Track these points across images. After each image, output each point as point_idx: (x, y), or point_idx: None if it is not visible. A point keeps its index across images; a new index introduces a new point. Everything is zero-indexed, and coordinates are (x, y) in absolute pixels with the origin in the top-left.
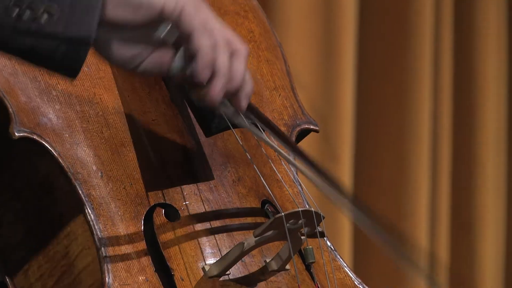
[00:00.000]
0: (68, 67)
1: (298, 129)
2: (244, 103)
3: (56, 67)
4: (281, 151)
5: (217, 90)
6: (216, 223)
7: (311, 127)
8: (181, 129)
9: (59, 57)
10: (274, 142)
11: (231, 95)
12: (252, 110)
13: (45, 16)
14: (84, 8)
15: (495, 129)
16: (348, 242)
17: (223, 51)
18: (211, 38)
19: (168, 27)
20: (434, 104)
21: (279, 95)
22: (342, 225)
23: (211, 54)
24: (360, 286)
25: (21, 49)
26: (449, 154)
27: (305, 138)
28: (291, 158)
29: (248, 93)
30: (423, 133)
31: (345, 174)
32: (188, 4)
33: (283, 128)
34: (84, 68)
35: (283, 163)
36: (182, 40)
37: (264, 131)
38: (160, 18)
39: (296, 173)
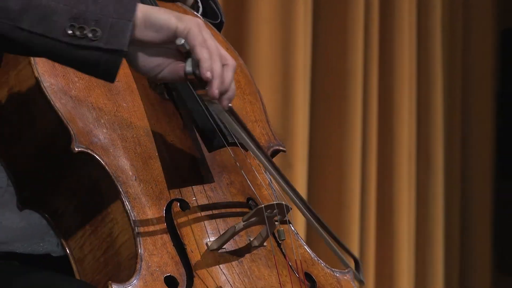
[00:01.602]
0: (108, 72)
1: (271, 149)
2: (226, 103)
3: (100, 72)
4: (257, 152)
5: (215, 87)
6: (216, 213)
7: (281, 148)
8: (191, 147)
9: (102, 64)
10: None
11: (221, 95)
12: (232, 113)
13: (92, 35)
14: (119, 30)
15: (407, 148)
16: (303, 228)
17: (217, 60)
18: (208, 51)
19: (182, 40)
20: (364, 127)
21: (258, 125)
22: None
23: (209, 62)
24: (315, 259)
25: (75, 59)
26: (375, 164)
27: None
28: (263, 159)
29: (231, 97)
30: (356, 155)
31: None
32: (193, 28)
33: None
34: (123, 103)
35: (263, 171)
36: (189, 52)
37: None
38: (174, 36)
39: (271, 180)
